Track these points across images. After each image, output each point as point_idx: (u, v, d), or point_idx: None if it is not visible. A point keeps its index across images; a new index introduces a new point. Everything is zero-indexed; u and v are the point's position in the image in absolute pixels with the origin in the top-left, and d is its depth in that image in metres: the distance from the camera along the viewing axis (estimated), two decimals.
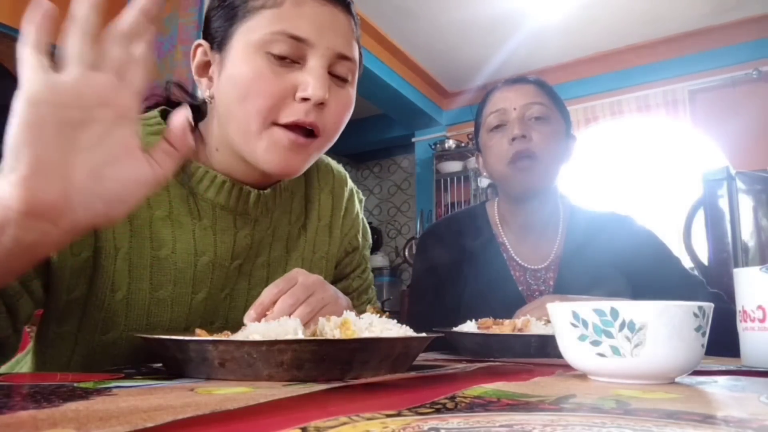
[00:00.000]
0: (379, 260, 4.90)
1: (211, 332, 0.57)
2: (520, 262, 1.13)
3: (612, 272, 1.05)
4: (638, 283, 1.04)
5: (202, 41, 0.70)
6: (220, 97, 0.67)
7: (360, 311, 0.58)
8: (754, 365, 0.59)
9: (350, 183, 0.91)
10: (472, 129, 1.23)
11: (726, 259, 2.00)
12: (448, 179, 4.43)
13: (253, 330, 0.51)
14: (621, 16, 3.52)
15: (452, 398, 0.36)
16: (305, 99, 0.63)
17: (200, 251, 0.69)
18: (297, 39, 0.63)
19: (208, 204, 0.70)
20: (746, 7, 3.40)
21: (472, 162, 4.18)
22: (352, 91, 0.71)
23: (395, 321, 0.57)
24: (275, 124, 0.64)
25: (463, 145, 4.37)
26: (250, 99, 0.63)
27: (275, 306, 0.59)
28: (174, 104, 0.76)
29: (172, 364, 0.50)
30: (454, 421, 0.28)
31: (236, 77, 0.64)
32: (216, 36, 0.68)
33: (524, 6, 3.41)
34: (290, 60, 0.64)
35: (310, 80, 0.63)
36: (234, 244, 0.72)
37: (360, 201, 0.92)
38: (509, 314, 0.87)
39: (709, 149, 3.54)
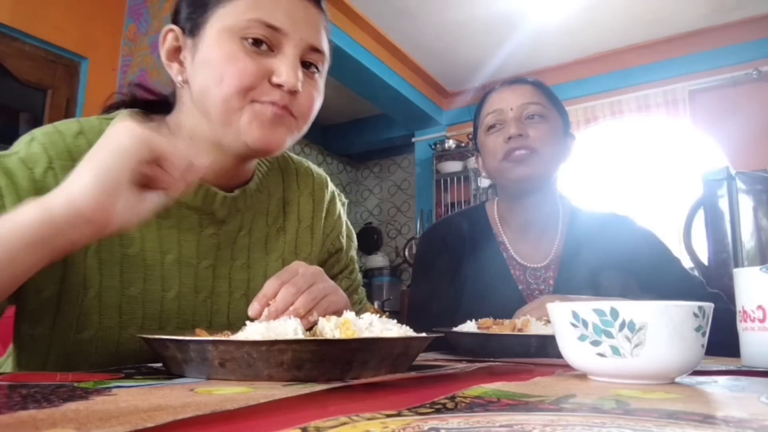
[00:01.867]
0: (379, 260, 4.89)
1: (210, 333, 0.57)
2: (519, 261, 1.13)
3: (612, 272, 1.05)
4: (638, 283, 1.04)
5: (173, 26, 0.71)
6: (194, 81, 0.68)
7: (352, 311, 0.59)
8: (754, 365, 0.59)
9: (331, 186, 0.92)
10: (472, 129, 1.23)
11: (726, 259, 2.00)
12: (448, 179, 4.43)
13: (253, 330, 0.51)
14: (621, 17, 3.51)
15: (452, 398, 0.36)
16: (279, 85, 0.65)
17: (165, 249, 0.70)
18: (272, 28, 0.65)
19: (173, 202, 0.70)
20: (746, 7, 3.39)
21: (472, 162, 4.18)
22: (321, 83, 0.74)
23: (395, 321, 0.57)
24: (255, 101, 0.66)
25: (463, 145, 4.36)
26: (227, 80, 0.64)
27: (278, 295, 0.59)
28: (137, 103, 0.77)
29: (172, 364, 0.50)
30: (454, 421, 0.28)
31: (211, 60, 0.66)
32: (189, 21, 0.69)
33: (524, 6, 3.41)
34: (264, 47, 0.66)
35: (284, 68, 0.65)
36: (198, 243, 0.72)
37: (343, 204, 0.93)
38: (509, 313, 0.87)
39: (709, 149, 3.54)
